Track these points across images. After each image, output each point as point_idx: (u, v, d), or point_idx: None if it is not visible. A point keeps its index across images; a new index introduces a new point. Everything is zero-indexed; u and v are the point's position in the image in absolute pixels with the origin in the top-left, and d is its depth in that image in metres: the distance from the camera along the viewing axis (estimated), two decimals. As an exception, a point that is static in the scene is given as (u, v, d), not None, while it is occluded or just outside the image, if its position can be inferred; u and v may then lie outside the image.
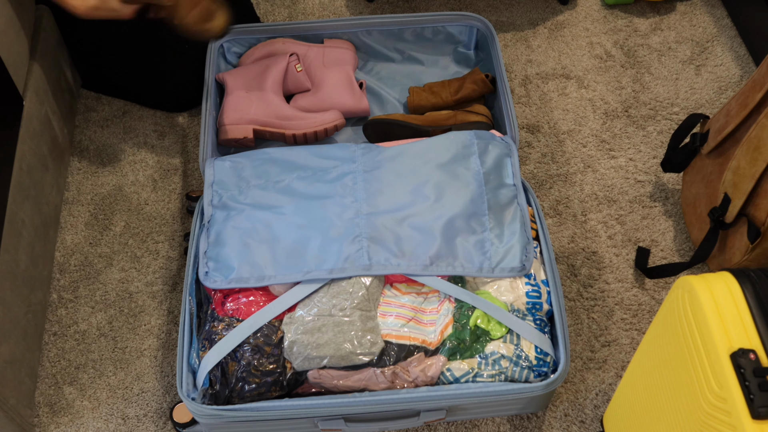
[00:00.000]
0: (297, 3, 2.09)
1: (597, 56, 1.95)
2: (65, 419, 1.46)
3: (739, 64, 1.92)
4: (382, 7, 2.07)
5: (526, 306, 1.36)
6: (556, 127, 1.83)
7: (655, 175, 1.75)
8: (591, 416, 1.44)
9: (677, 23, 2.02)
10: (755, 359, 0.84)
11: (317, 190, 1.46)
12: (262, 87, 1.67)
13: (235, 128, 1.65)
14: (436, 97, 1.71)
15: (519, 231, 1.41)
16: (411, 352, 1.31)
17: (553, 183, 1.74)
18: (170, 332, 1.56)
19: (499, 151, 1.51)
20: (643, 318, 1.55)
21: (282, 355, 1.32)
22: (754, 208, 1.38)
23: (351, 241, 1.38)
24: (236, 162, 1.53)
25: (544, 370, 1.31)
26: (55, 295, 1.61)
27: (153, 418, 1.46)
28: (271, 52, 1.74)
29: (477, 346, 1.32)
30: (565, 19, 2.04)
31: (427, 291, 1.40)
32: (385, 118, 1.65)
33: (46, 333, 1.56)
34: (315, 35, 1.79)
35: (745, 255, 1.42)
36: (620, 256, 1.63)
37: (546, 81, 1.91)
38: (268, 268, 1.37)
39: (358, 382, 1.31)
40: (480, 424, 1.43)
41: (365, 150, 1.53)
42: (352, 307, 1.33)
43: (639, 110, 1.85)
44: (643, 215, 1.69)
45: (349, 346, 1.29)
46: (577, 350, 1.51)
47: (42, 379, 1.50)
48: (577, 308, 1.56)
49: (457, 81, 1.72)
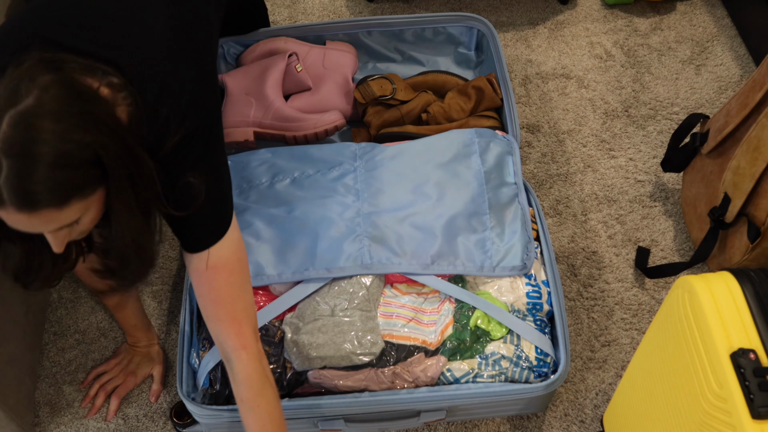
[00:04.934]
0: (297, 3, 2.09)
1: (597, 56, 1.95)
2: (65, 419, 1.46)
3: (739, 64, 1.92)
4: (382, 8, 2.07)
5: (527, 306, 1.36)
6: (556, 126, 1.83)
7: (655, 174, 1.75)
8: (591, 416, 1.44)
9: (677, 23, 2.02)
10: (755, 359, 0.84)
11: (318, 190, 1.46)
12: (262, 89, 1.67)
13: (236, 131, 1.65)
14: (451, 110, 1.69)
15: (520, 230, 1.41)
16: (411, 353, 1.31)
17: (553, 183, 1.74)
18: (170, 332, 1.56)
19: (500, 149, 1.51)
20: (643, 318, 1.55)
21: (282, 355, 1.32)
22: (754, 207, 1.38)
23: (352, 240, 1.38)
24: (237, 162, 1.53)
25: (544, 371, 1.31)
26: (55, 295, 1.61)
27: (153, 418, 1.46)
28: (273, 50, 1.74)
29: (477, 347, 1.32)
30: (565, 19, 2.04)
31: (427, 291, 1.40)
32: (396, 131, 1.64)
33: (46, 333, 1.56)
34: (315, 36, 1.79)
35: (745, 255, 1.42)
36: (620, 256, 1.63)
37: (546, 81, 1.91)
38: (268, 268, 1.37)
39: (358, 382, 1.31)
40: (480, 424, 1.43)
41: (366, 149, 1.53)
42: (353, 308, 1.33)
43: (639, 110, 1.85)
44: (643, 215, 1.69)
45: (349, 346, 1.29)
46: (577, 350, 1.51)
47: (42, 379, 1.50)
48: (577, 308, 1.56)
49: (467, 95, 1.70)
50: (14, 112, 0.85)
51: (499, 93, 1.65)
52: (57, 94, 0.88)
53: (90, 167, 0.90)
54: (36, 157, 0.85)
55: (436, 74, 1.74)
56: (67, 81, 0.90)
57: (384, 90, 1.65)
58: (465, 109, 1.66)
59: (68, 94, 0.89)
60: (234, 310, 1.13)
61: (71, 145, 0.87)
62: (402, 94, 1.67)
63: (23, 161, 0.85)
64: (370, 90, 1.65)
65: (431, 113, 1.65)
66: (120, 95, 0.98)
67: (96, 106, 0.92)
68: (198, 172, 1.06)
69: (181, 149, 1.04)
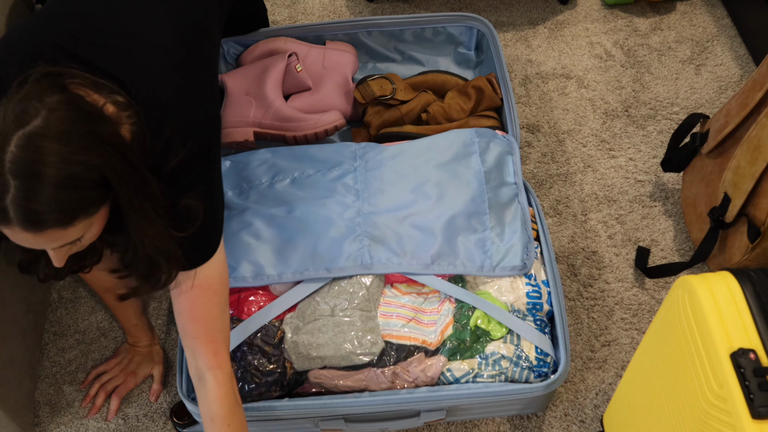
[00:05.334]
0: (297, 3, 2.09)
1: (597, 56, 1.95)
2: (65, 419, 1.46)
3: (739, 64, 1.92)
4: (382, 8, 2.07)
5: (527, 306, 1.36)
6: (556, 126, 1.83)
7: (655, 174, 1.75)
8: (591, 416, 1.44)
9: (677, 23, 2.02)
10: (755, 359, 0.84)
11: (318, 190, 1.46)
12: (261, 89, 1.67)
13: (236, 131, 1.65)
14: (451, 110, 1.69)
15: (520, 230, 1.41)
16: (411, 353, 1.31)
17: (553, 183, 1.74)
18: (170, 332, 1.56)
19: (500, 149, 1.51)
20: (643, 318, 1.55)
21: (282, 355, 1.32)
22: (754, 207, 1.38)
23: (352, 240, 1.38)
24: (237, 162, 1.53)
25: (544, 371, 1.31)
26: (55, 295, 1.61)
27: (153, 417, 1.46)
28: (273, 50, 1.74)
29: (477, 347, 1.32)
30: (565, 19, 2.04)
31: (427, 291, 1.40)
32: (396, 131, 1.64)
33: (46, 333, 1.56)
34: (315, 36, 1.79)
35: (745, 255, 1.42)
36: (620, 256, 1.63)
37: (546, 81, 1.91)
38: (268, 268, 1.37)
39: (359, 382, 1.31)
40: (480, 424, 1.43)
41: (366, 149, 1.53)
42: (353, 308, 1.33)
43: (639, 110, 1.85)
44: (643, 215, 1.69)
45: (350, 346, 1.29)
46: (577, 350, 1.51)
47: (42, 379, 1.50)
48: (577, 308, 1.56)
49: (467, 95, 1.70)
50: (22, 133, 0.87)
51: (499, 93, 1.65)
52: (64, 116, 0.89)
53: (95, 187, 0.91)
54: (43, 178, 0.86)
55: (436, 74, 1.74)
56: (73, 101, 0.91)
57: (384, 90, 1.66)
58: (465, 109, 1.66)
59: (75, 116, 0.90)
60: (213, 330, 1.15)
61: (78, 168, 0.89)
62: (402, 94, 1.67)
63: (30, 182, 0.86)
64: (370, 90, 1.65)
65: (431, 113, 1.65)
66: (125, 114, 0.99)
67: (102, 126, 0.93)
68: (195, 192, 1.07)
69: (180, 170, 1.05)
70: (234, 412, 1.15)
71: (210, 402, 1.14)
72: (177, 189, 1.05)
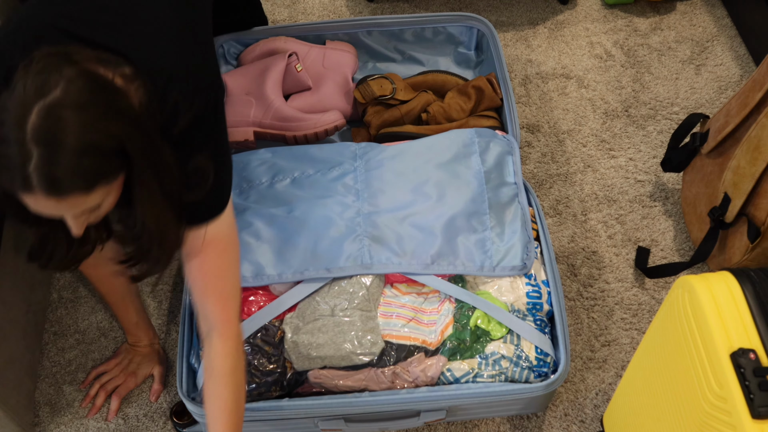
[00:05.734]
0: (297, 3, 2.09)
1: (597, 56, 1.95)
2: (65, 419, 1.46)
3: (739, 63, 1.92)
4: (382, 8, 2.07)
5: (527, 306, 1.36)
6: (556, 126, 1.83)
7: (655, 174, 1.75)
8: (591, 416, 1.44)
9: (677, 23, 2.02)
10: (755, 359, 0.84)
11: (318, 190, 1.46)
12: (261, 88, 1.67)
13: (236, 131, 1.65)
14: (451, 110, 1.69)
15: (520, 230, 1.41)
16: (411, 353, 1.31)
17: (553, 183, 1.74)
18: (170, 332, 1.56)
19: (500, 149, 1.51)
20: (643, 318, 1.55)
21: (282, 355, 1.32)
22: (754, 207, 1.38)
23: (352, 240, 1.38)
24: (237, 162, 1.53)
25: (544, 371, 1.31)
26: (55, 295, 1.61)
27: (153, 417, 1.46)
28: (273, 49, 1.74)
29: (477, 347, 1.32)
30: (565, 19, 2.04)
31: (427, 291, 1.40)
32: (396, 131, 1.64)
33: (46, 333, 1.56)
34: (315, 36, 1.79)
35: (745, 255, 1.42)
36: (620, 256, 1.63)
37: (546, 81, 1.91)
38: (268, 268, 1.37)
39: (359, 382, 1.31)
40: (480, 424, 1.43)
41: (366, 149, 1.53)
42: (353, 308, 1.33)
43: (639, 110, 1.85)
44: (643, 215, 1.69)
45: (350, 346, 1.29)
46: (577, 350, 1.51)
47: (42, 379, 1.50)
48: (577, 308, 1.56)
49: (467, 95, 1.70)
50: (43, 103, 0.89)
51: (499, 93, 1.65)
52: (83, 86, 0.92)
53: (114, 155, 0.94)
54: (64, 145, 0.89)
55: (436, 74, 1.74)
56: (90, 73, 0.94)
57: (384, 90, 1.66)
58: (465, 108, 1.66)
59: (93, 87, 0.93)
60: (223, 287, 1.15)
61: (97, 135, 0.91)
62: (402, 93, 1.67)
63: (52, 149, 0.89)
64: (370, 90, 1.65)
65: (431, 113, 1.65)
66: (133, 86, 1.01)
67: (117, 97, 0.96)
68: (205, 152, 1.09)
69: (189, 131, 1.07)
70: (237, 369, 1.13)
71: (214, 357, 1.13)
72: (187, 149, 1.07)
